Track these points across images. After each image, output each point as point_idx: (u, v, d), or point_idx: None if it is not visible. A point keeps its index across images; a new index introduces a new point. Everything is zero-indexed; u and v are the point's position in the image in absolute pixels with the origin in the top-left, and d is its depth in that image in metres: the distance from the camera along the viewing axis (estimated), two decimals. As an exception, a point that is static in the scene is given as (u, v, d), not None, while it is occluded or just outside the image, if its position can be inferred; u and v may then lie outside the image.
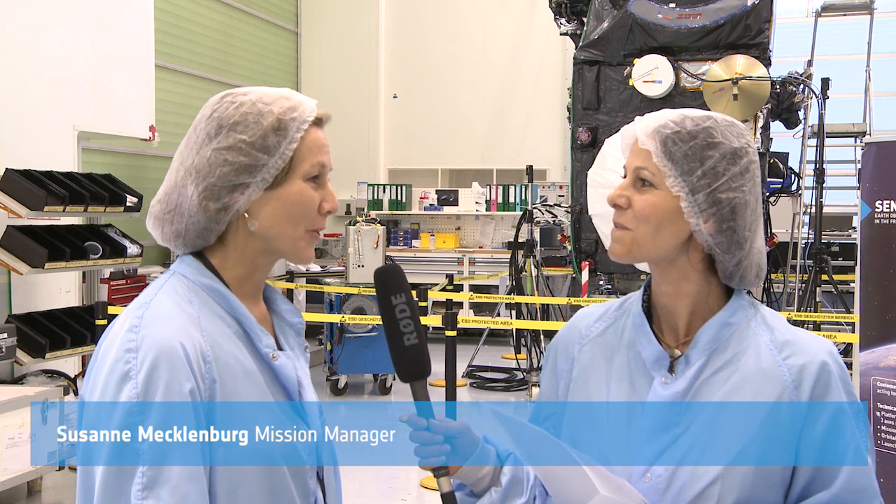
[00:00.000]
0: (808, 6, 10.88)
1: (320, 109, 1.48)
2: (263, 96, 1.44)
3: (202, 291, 1.44)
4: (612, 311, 1.64)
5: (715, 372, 1.49)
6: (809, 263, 7.80)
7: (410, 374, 1.48)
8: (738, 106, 6.81)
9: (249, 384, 1.40)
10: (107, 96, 7.15)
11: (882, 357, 4.32)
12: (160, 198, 1.47)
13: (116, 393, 1.30)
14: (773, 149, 7.35)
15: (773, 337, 1.51)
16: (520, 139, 12.13)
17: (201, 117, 1.46)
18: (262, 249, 1.47)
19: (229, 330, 1.42)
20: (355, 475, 6.31)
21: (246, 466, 1.35)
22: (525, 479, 1.58)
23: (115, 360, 1.32)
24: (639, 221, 1.49)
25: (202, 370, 1.34)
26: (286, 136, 1.42)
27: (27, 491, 5.39)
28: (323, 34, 13.00)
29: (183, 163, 1.45)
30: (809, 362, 1.46)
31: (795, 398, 1.45)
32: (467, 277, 11.22)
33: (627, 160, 1.54)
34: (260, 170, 1.41)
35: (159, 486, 1.26)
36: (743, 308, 1.54)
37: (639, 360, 1.54)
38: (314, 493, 1.47)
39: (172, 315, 1.38)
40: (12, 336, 5.70)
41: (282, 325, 1.55)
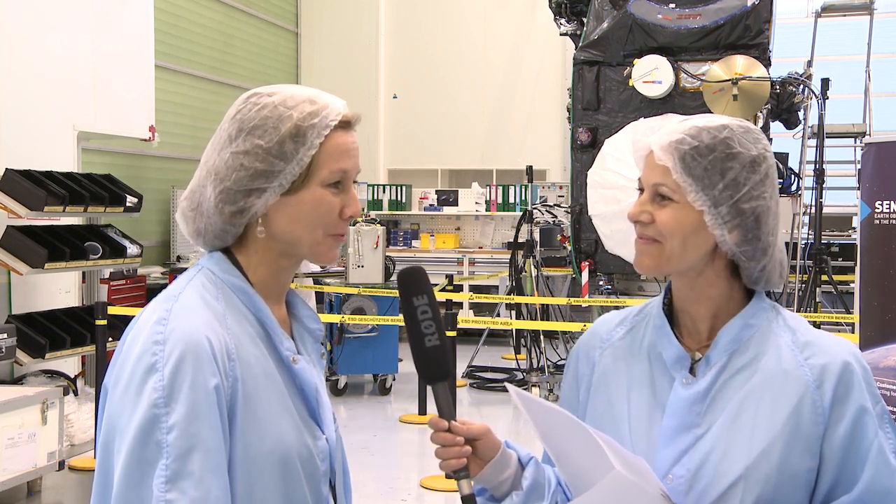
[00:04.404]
0: (808, 6, 10.88)
1: (349, 111, 1.45)
2: (287, 99, 1.42)
3: (228, 289, 1.43)
4: (631, 317, 1.64)
5: (736, 372, 1.48)
6: (809, 264, 7.80)
7: (432, 376, 1.45)
8: (737, 106, 6.81)
9: (270, 386, 1.39)
10: (107, 96, 7.15)
11: (882, 357, 4.32)
12: (187, 194, 1.47)
13: (142, 384, 1.29)
14: (773, 149, 7.35)
15: (794, 338, 1.50)
16: (520, 139, 12.14)
17: (227, 116, 1.46)
18: (282, 251, 1.46)
19: (252, 330, 1.42)
20: (355, 475, 6.30)
21: (263, 466, 1.35)
22: (546, 484, 1.58)
23: (142, 350, 1.32)
24: (666, 236, 1.48)
25: (226, 367, 1.34)
26: (304, 143, 1.40)
27: (27, 491, 5.39)
28: (323, 34, 13.01)
29: (206, 162, 1.45)
30: (831, 362, 1.45)
31: (818, 398, 1.43)
32: (467, 278, 11.22)
33: (644, 174, 1.52)
34: (276, 176, 1.40)
35: (183, 479, 1.25)
36: (764, 310, 1.53)
37: (659, 362, 1.54)
38: (326, 500, 1.47)
39: (200, 309, 1.37)
40: (12, 336, 5.70)
41: (300, 329, 1.54)
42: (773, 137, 7.29)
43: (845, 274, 8.66)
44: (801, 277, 8.07)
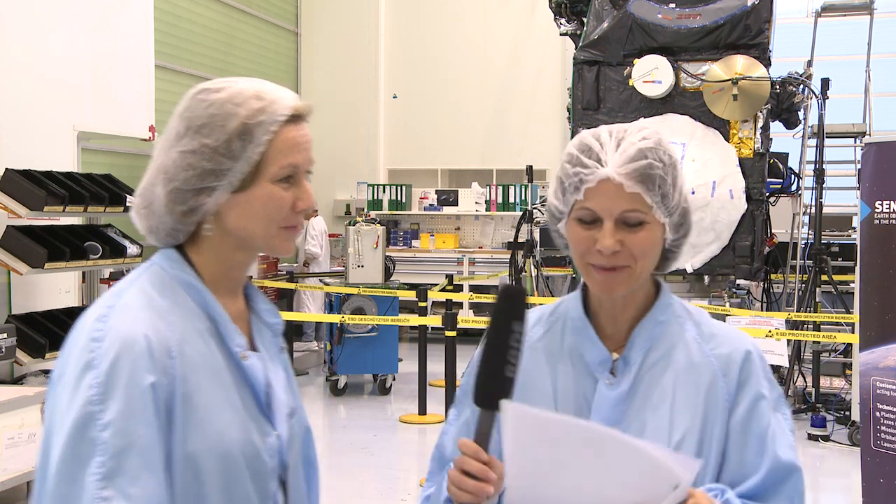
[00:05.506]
0: (808, 6, 10.88)
1: (299, 104, 1.44)
2: (235, 95, 1.41)
3: (177, 286, 1.42)
4: (546, 317, 1.67)
5: (651, 367, 1.55)
6: (809, 264, 7.80)
7: (491, 403, 1.37)
8: (737, 106, 6.81)
9: (215, 382, 1.38)
10: (107, 96, 7.15)
11: (882, 357, 4.32)
12: (139, 191, 1.46)
13: (78, 381, 1.29)
14: (773, 149, 7.35)
15: (699, 331, 1.59)
16: (520, 139, 12.13)
17: (175, 113, 1.44)
18: (236, 246, 1.45)
19: (201, 326, 1.41)
20: (355, 475, 6.31)
21: (203, 464, 1.34)
22: None
23: (81, 347, 1.32)
24: (637, 258, 1.51)
25: (165, 365, 1.33)
26: (252, 141, 1.39)
27: (27, 491, 5.39)
28: (323, 34, 13.00)
29: (156, 159, 1.44)
30: (735, 351, 1.56)
31: (724, 385, 1.54)
32: (467, 277, 11.22)
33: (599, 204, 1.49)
34: (225, 174, 1.39)
35: (119, 476, 1.25)
36: (671, 305, 1.60)
37: (581, 363, 1.58)
38: (274, 497, 1.45)
39: (142, 307, 1.37)
40: (12, 336, 5.70)
41: (259, 324, 1.53)
42: (773, 137, 7.28)
43: (845, 274, 8.66)
44: (801, 277, 8.06)
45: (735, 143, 6.92)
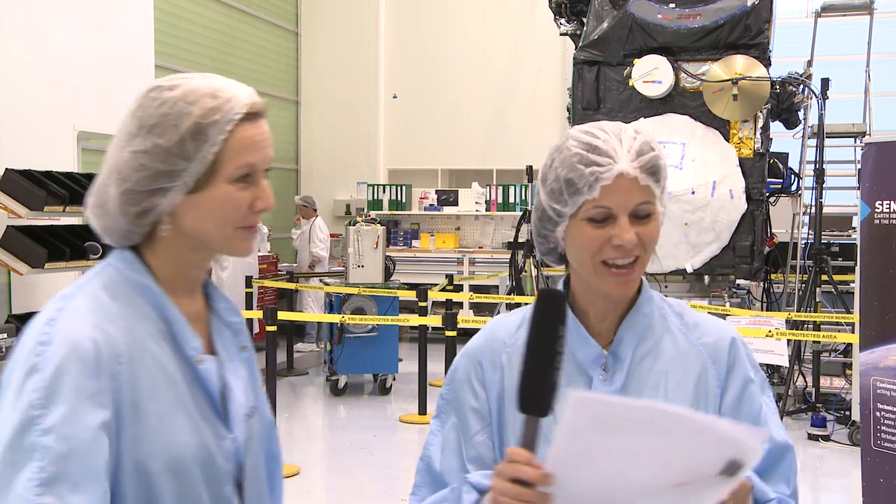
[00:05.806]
0: (808, 6, 10.88)
1: (256, 101, 1.40)
2: (188, 94, 1.36)
3: (131, 288, 1.40)
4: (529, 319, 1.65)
5: (642, 360, 1.57)
6: (809, 263, 7.79)
7: (539, 409, 1.33)
8: (737, 106, 6.81)
9: (166, 386, 1.36)
10: (107, 96, 7.15)
11: (882, 357, 4.32)
12: (94, 191, 1.43)
13: (23, 384, 1.26)
14: (773, 149, 7.35)
15: (683, 321, 1.63)
16: (520, 139, 12.13)
17: (127, 111, 1.40)
18: (193, 247, 1.42)
19: (154, 329, 1.38)
20: (355, 475, 6.31)
21: (153, 469, 1.32)
22: None
23: (28, 352, 1.30)
24: (648, 249, 1.52)
25: (113, 370, 1.30)
26: (206, 141, 1.35)
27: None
28: (323, 34, 13.01)
29: (109, 158, 1.41)
30: (720, 339, 1.61)
31: (714, 371, 1.59)
32: (467, 277, 11.22)
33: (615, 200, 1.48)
34: (179, 175, 1.35)
35: (59, 483, 1.21)
36: (652, 298, 1.63)
37: (571, 362, 1.55)
38: (229, 500, 1.43)
39: (91, 311, 1.34)
40: (12, 336, 5.70)
41: (219, 324, 1.50)
42: (773, 137, 7.29)
43: (845, 274, 8.65)
44: (801, 277, 8.06)
45: (735, 143, 6.93)
